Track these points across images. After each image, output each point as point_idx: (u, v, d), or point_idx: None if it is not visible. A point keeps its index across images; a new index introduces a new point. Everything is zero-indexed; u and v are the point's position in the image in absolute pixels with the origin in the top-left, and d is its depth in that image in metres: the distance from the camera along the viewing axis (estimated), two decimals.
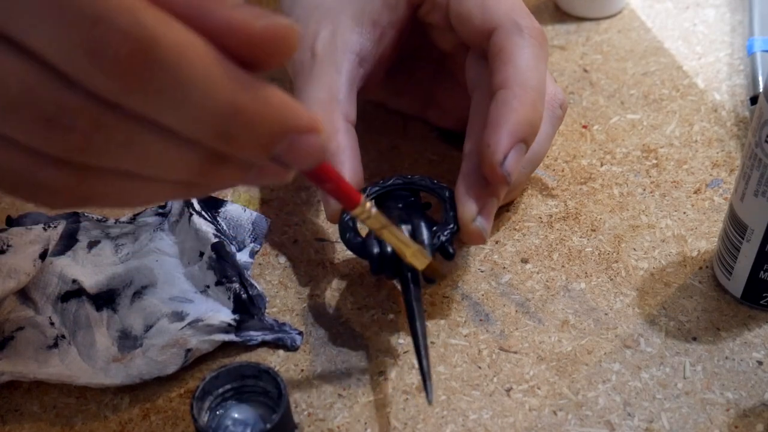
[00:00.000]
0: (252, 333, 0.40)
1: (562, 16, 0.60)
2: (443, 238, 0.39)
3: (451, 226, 0.40)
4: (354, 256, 0.44)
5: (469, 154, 0.40)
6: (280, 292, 0.43)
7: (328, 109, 0.41)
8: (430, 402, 0.36)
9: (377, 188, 0.42)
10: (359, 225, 0.40)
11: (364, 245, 0.39)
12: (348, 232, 0.40)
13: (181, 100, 0.23)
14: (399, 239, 0.36)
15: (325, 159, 0.27)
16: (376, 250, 0.39)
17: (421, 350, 0.37)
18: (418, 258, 0.37)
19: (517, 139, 0.38)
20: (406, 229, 0.39)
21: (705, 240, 0.44)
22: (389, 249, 0.38)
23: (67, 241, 0.43)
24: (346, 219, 0.40)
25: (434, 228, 0.40)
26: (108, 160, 0.24)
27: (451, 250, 0.39)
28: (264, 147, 0.25)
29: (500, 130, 0.38)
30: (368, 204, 0.32)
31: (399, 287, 0.42)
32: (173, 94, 0.23)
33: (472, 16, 0.41)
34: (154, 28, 0.22)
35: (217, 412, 0.37)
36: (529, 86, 0.38)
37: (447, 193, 0.41)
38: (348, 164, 0.40)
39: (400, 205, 0.41)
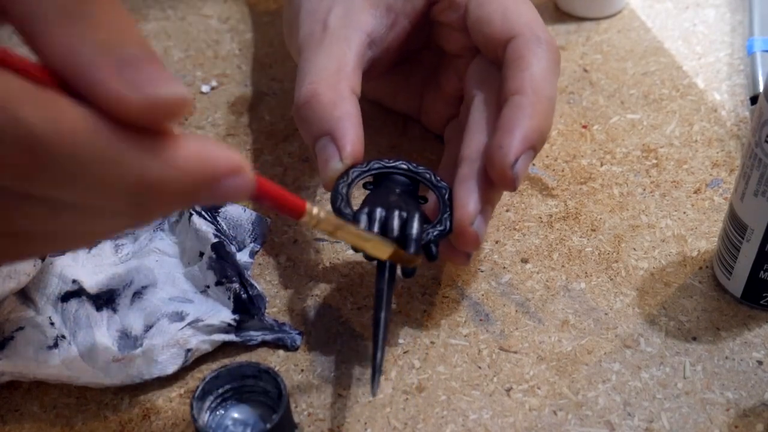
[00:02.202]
0: (252, 333, 0.40)
1: (562, 16, 0.60)
2: (430, 237, 0.38)
3: (443, 227, 0.38)
4: (354, 255, 0.45)
5: (469, 157, 0.39)
6: (280, 292, 0.43)
7: (335, 78, 0.40)
8: (374, 395, 0.36)
9: (379, 165, 0.41)
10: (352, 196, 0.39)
11: (353, 218, 0.38)
12: (339, 201, 0.39)
13: (82, 184, 0.23)
14: (356, 236, 0.35)
15: (253, 193, 0.27)
16: (362, 225, 0.37)
17: (378, 341, 0.36)
18: (379, 249, 0.36)
19: (529, 145, 0.38)
20: (399, 216, 0.38)
21: (705, 240, 0.44)
22: (376, 228, 0.37)
23: None
24: (340, 187, 0.39)
25: (424, 225, 0.38)
26: (39, 228, 0.25)
27: (434, 251, 0.38)
28: (187, 200, 0.25)
29: (514, 133, 0.37)
30: (315, 210, 0.31)
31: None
32: (70, 181, 0.23)
33: (492, 21, 0.41)
34: (33, 121, 0.21)
35: (217, 412, 0.37)
36: (543, 95, 0.39)
37: (447, 194, 0.40)
38: (351, 132, 0.39)
39: (398, 191, 0.40)
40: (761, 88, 0.50)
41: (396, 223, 0.37)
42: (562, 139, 0.51)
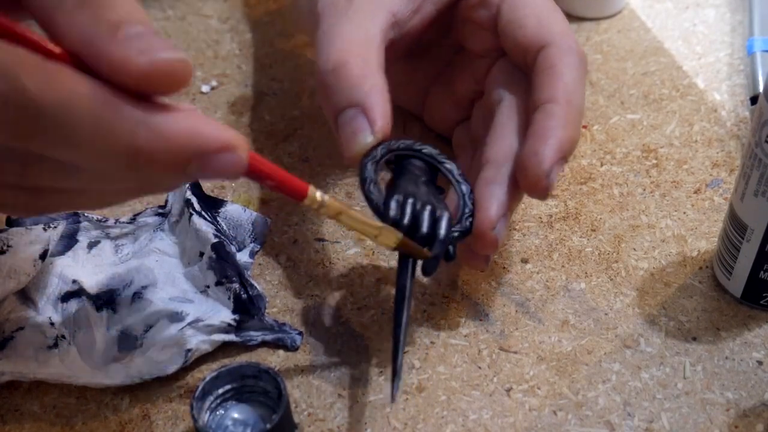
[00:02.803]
0: (252, 333, 0.40)
1: None
2: (451, 237, 0.37)
3: (462, 227, 0.37)
4: (356, 250, 0.45)
5: (495, 160, 0.39)
6: (280, 292, 0.43)
7: (364, 48, 0.39)
8: (393, 400, 0.35)
9: (406, 145, 0.39)
10: (380, 177, 0.37)
11: (384, 206, 0.36)
12: (368, 183, 0.36)
13: (76, 146, 0.25)
14: (360, 221, 0.33)
15: (244, 171, 0.28)
16: (392, 213, 0.36)
17: (399, 343, 0.35)
18: (387, 237, 0.35)
19: (562, 154, 0.37)
20: (430, 213, 0.36)
21: (705, 240, 0.44)
22: (406, 220, 0.36)
23: (67, 241, 0.43)
24: (368, 166, 0.37)
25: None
26: (50, 183, 0.28)
27: (452, 251, 0.37)
28: (175, 171, 0.27)
29: (549, 141, 0.37)
30: (318, 194, 0.31)
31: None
32: (64, 143, 0.25)
33: (527, 26, 0.40)
34: (31, 87, 0.24)
35: (217, 412, 0.37)
36: (575, 105, 0.38)
37: (466, 191, 0.39)
38: (380, 106, 0.37)
39: (424, 179, 0.38)
40: (761, 88, 0.50)
41: (427, 220, 0.36)
42: None
